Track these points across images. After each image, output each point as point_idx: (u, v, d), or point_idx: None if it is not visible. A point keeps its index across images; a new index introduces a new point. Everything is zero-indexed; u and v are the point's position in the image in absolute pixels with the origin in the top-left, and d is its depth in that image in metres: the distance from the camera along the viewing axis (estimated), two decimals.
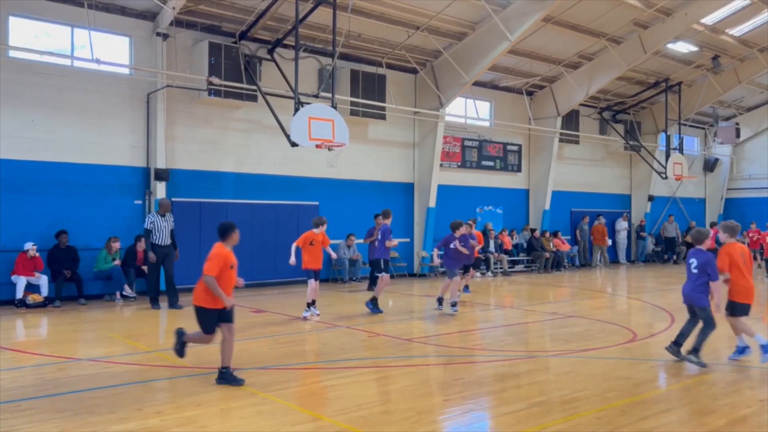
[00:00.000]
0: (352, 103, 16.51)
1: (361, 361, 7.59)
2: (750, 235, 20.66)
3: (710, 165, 27.31)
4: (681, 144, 24.22)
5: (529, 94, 21.31)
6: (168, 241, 12.14)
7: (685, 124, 24.86)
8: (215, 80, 13.88)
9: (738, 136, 26.12)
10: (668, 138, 23.74)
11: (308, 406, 5.82)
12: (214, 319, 6.40)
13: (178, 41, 14.29)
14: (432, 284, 16.86)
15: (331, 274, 16.81)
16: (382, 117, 17.29)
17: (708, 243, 7.50)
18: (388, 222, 12.14)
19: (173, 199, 14.12)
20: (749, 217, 23.26)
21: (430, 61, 18.13)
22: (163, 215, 12.08)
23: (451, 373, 7.19)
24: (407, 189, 18.71)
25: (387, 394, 6.19)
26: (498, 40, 16.31)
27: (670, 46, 19.46)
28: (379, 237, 12.01)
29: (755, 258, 20.52)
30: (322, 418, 5.43)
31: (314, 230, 11.04)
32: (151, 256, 11.97)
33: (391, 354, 8.15)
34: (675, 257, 24.82)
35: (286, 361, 7.61)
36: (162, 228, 12.02)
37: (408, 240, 18.65)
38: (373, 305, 11.50)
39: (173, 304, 12.02)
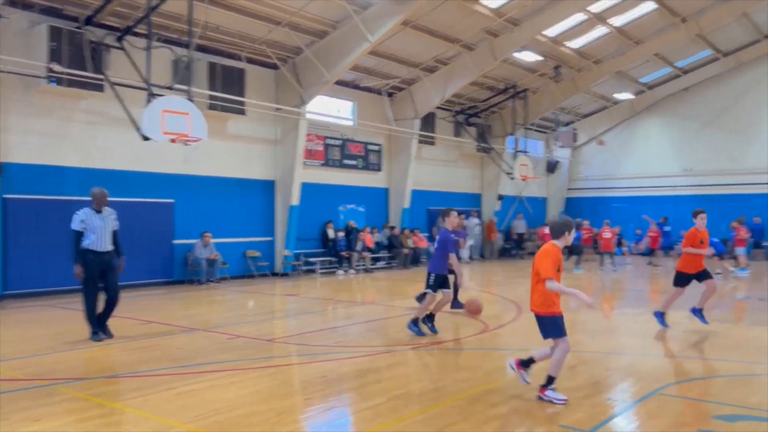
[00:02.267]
0: (211, 97, 15.94)
1: (220, 365, 7.34)
2: (582, 232, 22.53)
3: (552, 167, 29.56)
4: (526, 147, 26.00)
5: (390, 95, 21.83)
6: (109, 247, 8.77)
7: (530, 129, 26.70)
8: (57, 67, 12.77)
9: (576, 140, 28.59)
10: (516, 141, 25.37)
11: (162, 414, 5.51)
12: None
13: (12, 23, 12.97)
14: (295, 283, 16.72)
15: (188, 275, 16.14)
16: (242, 112, 16.87)
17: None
18: (448, 226, 9.33)
19: (5, 196, 12.82)
20: (586, 215, 25.43)
21: (291, 57, 17.96)
22: (98, 211, 8.74)
23: (312, 372, 7.17)
24: (268, 186, 18.41)
25: (246, 397, 6.03)
26: (359, 40, 16.51)
27: (517, 54, 20.79)
28: (435, 245, 9.42)
29: (592, 253, 22.55)
30: (177, 425, 5.18)
31: None
32: (77, 270, 8.54)
33: (251, 356, 7.96)
34: (522, 252, 26.62)
35: (137, 368, 7.18)
36: (98, 228, 8.66)
37: (270, 239, 18.37)
38: (414, 324, 9.09)
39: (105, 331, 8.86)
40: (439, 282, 9.08)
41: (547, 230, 23.57)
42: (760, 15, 22.31)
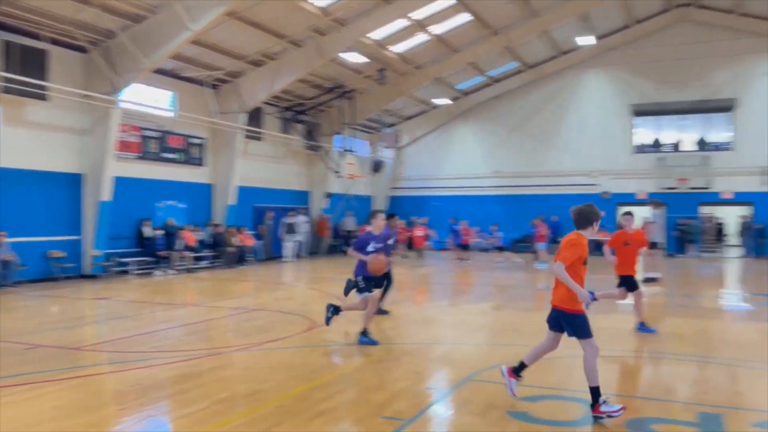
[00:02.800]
0: (7, 80, 14.21)
1: (16, 378, 6.55)
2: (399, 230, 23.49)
3: (377, 166, 30.48)
4: (353, 146, 26.56)
5: (214, 87, 21.03)
6: None
7: (357, 129, 27.31)
8: None
9: (398, 141, 29.79)
10: (343, 140, 25.79)
11: None
12: None
13: None
14: (106, 285, 15.46)
15: None
16: (44, 98, 15.25)
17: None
18: (374, 228, 8.74)
19: None
20: (409, 213, 26.59)
21: (103, 41, 16.56)
22: None
23: (126, 380, 6.65)
24: (75, 180, 16.81)
25: (49, 412, 5.43)
26: (179, 28, 15.68)
27: (343, 55, 21.12)
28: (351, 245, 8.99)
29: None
30: None
31: None
32: None
33: (54, 366, 7.20)
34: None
35: None
36: None
37: (77, 238, 16.80)
38: (365, 335, 8.32)
39: None
40: (370, 282, 8.43)
41: (420, 231, 24.34)
42: (559, 32, 24.85)
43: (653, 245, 15.88)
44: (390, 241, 8.80)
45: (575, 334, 5.41)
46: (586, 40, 24.28)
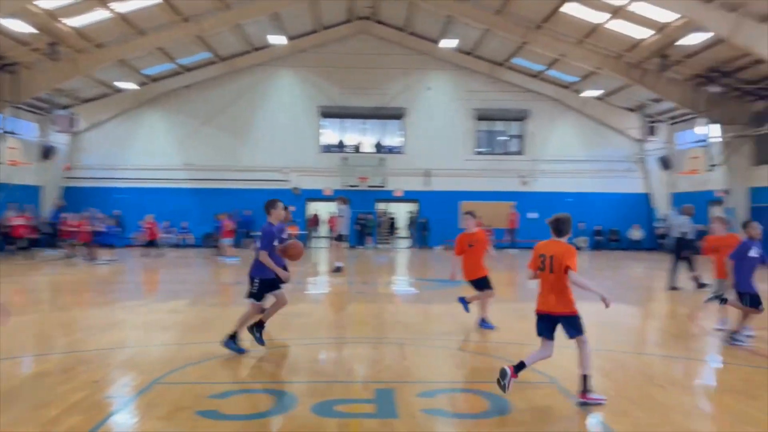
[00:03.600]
0: None
1: None
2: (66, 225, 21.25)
3: (47, 152, 26.92)
4: (17, 128, 23.02)
5: None
6: None
7: (21, 108, 23.74)
8: None
9: (74, 125, 26.59)
10: (2, 120, 22.17)
11: None
12: None
13: None
14: None
15: None
16: None
17: None
18: (273, 219, 7.53)
19: None
20: (87, 205, 24.00)
21: None
22: None
23: None
24: None
25: None
26: None
27: (4, 22, 18.13)
28: (257, 244, 7.50)
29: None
30: None
31: None
32: None
33: None
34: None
35: None
36: None
37: None
38: (232, 340, 7.27)
39: None
40: (266, 286, 7.40)
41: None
42: (252, 28, 25.03)
43: (340, 237, 17.08)
44: (285, 234, 7.77)
45: (578, 334, 5.57)
46: (278, 39, 24.94)
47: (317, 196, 29.04)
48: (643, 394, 5.97)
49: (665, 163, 28.33)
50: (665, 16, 18.73)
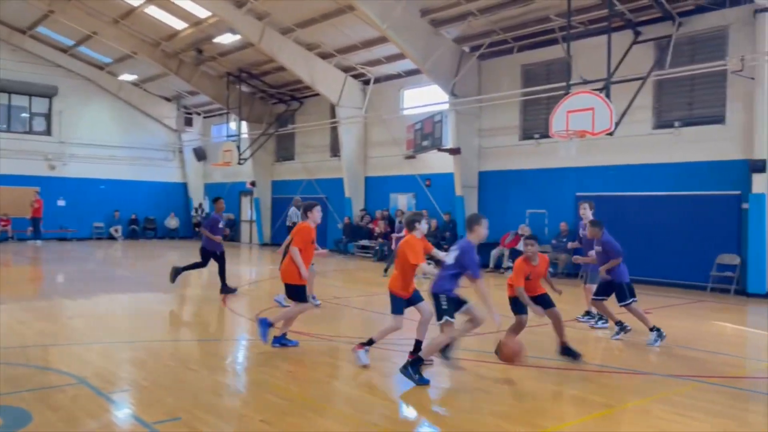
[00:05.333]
0: None
1: None
2: None
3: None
4: None
5: None
6: None
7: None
8: None
9: None
10: None
11: None
12: None
13: None
14: None
15: None
16: None
17: None
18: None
19: None
20: None
21: None
22: None
23: None
24: None
25: None
26: None
27: None
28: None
29: None
30: None
31: None
32: None
33: None
34: None
35: None
36: None
37: None
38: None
39: None
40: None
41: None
42: None
43: None
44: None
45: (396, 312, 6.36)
46: None
47: None
48: (176, 379, 5.98)
49: (200, 154, 29.50)
50: (201, 11, 19.32)
